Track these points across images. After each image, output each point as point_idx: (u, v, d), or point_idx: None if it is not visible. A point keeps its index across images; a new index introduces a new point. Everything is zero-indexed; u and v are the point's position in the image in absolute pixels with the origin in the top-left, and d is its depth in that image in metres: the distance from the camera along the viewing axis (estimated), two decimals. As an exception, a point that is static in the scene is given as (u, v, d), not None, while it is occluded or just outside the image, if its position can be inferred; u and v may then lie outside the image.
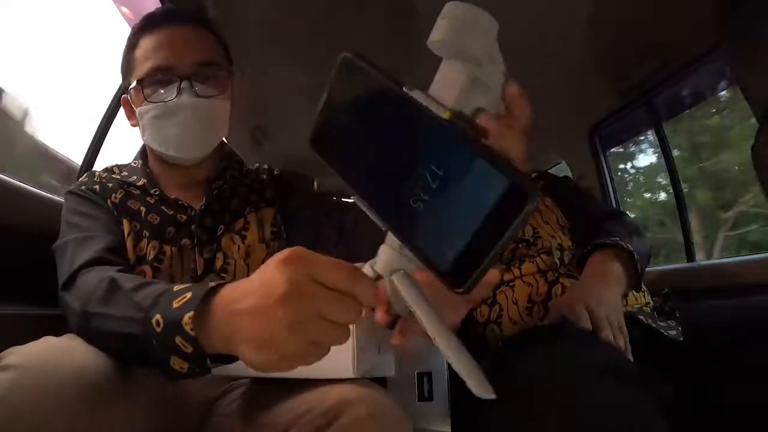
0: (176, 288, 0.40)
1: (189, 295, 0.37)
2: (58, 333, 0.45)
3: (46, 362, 0.37)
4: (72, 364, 0.37)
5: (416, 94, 0.24)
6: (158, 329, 0.38)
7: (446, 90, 0.26)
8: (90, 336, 0.44)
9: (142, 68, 0.63)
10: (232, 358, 0.37)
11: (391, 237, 0.28)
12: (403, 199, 0.23)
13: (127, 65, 0.66)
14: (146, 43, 0.63)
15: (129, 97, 0.66)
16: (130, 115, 0.68)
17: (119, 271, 0.50)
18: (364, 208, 0.26)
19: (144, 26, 0.65)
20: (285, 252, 0.30)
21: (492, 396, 0.28)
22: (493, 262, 0.22)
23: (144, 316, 0.39)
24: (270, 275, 0.29)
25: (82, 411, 0.35)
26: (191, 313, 0.35)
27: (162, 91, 0.62)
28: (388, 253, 0.28)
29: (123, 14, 1.19)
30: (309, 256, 0.29)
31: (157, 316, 0.38)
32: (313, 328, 0.29)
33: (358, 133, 0.26)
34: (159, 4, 1.07)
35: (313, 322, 0.28)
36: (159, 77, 0.62)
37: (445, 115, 0.23)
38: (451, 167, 0.22)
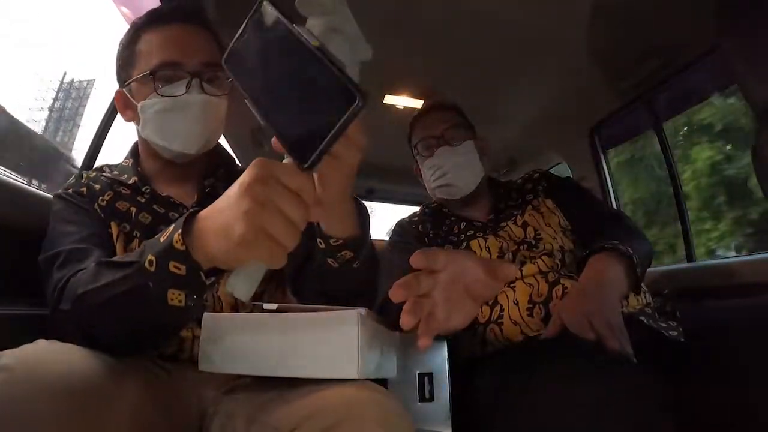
0: (156, 236, 0.42)
1: (171, 227, 0.41)
2: (50, 331, 0.45)
3: (37, 364, 0.37)
4: (64, 366, 0.37)
5: (302, 30, 0.32)
6: (152, 268, 0.40)
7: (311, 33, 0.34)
8: (88, 320, 0.44)
9: (148, 62, 0.62)
10: (219, 271, 0.41)
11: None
12: (276, 94, 0.33)
13: (128, 59, 0.65)
14: (151, 38, 0.63)
15: (127, 91, 0.65)
16: (125, 109, 0.67)
17: None
18: (248, 103, 0.34)
19: (148, 21, 0.64)
20: (255, 161, 0.35)
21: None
22: (329, 147, 0.31)
23: (137, 266, 0.41)
24: (240, 179, 0.35)
25: (75, 412, 0.35)
26: (179, 231, 0.39)
27: (169, 86, 0.62)
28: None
29: (123, 14, 1.18)
30: (274, 162, 0.34)
31: (149, 257, 0.40)
32: (267, 216, 0.33)
33: (258, 52, 0.34)
34: (158, 5, 1.07)
35: (268, 210, 0.33)
36: (167, 72, 0.62)
37: (314, 43, 0.31)
38: (312, 75, 0.31)
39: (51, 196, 0.79)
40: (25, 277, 0.66)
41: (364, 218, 0.51)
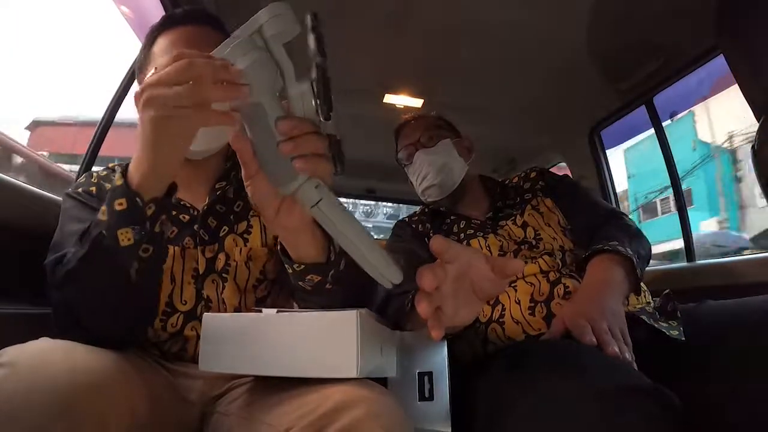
0: None
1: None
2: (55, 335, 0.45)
3: (40, 360, 0.37)
4: (67, 363, 0.38)
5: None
6: (104, 217, 0.44)
7: None
8: (71, 298, 0.47)
9: (159, 62, 0.63)
10: (160, 202, 0.45)
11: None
12: None
13: (144, 60, 0.66)
14: (165, 39, 0.65)
15: None
16: None
17: None
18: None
19: (163, 24, 0.66)
20: None
21: (399, 278, 0.36)
22: None
23: (93, 222, 0.45)
24: None
25: (77, 408, 0.35)
26: (118, 173, 0.43)
27: None
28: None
29: (123, 14, 1.19)
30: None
31: (102, 208, 0.44)
32: (158, 96, 0.37)
33: None
34: (159, 4, 1.07)
35: (155, 94, 0.37)
36: None
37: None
38: None
39: (51, 195, 0.80)
40: (26, 277, 0.67)
41: (330, 243, 0.50)
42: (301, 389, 0.43)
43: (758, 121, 0.66)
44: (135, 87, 1.07)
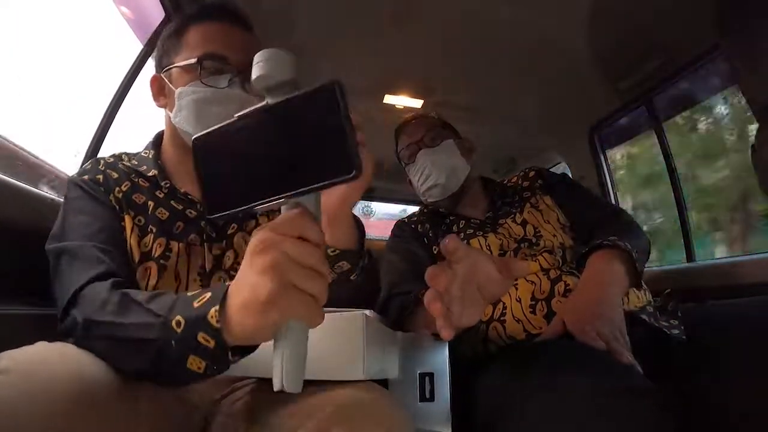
0: (190, 293, 0.41)
1: (208, 294, 0.39)
2: (57, 333, 0.45)
3: (39, 366, 0.36)
4: (66, 369, 0.37)
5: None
6: (179, 329, 0.39)
7: None
8: (91, 345, 0.43)
9: (194, 51, 0.63)
10: (246, 351, 0.39)
11: None
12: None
13: (173, 46, 0.66)
14: (200, 29, 0.65)
15: (166, 77, 0.66)
16: (159, 95, 0.68)
17: (121, 284, 0.49)
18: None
19: (196, 15, 0.66)
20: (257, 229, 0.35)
21: (294, 390, 0.33)
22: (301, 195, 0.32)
23: (163, 320, 0.40)
24: (248, 246, 0.35)
25: (76, 416, 0.35)
26: (217, 307, 0.37)
27: (212, 77, 0.63)
28: None
29: (123, 14, 1.18)
30: (272, 222, 0.34)
31: (178, 317, 0.39)
32: (285, 268, 0.32)
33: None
34: (158, 4, 1.07)
35: (282, 263, 0.32)
36: (212, 63, 0.63)
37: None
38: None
39: (51, 195, 0.80)
40: (26, 277, 0.66)
41: (361, 234, 0.51)
42: (303, 391, 0.43)
43: (758, 121, 0.66)
44: (139, 80, 1.07)
